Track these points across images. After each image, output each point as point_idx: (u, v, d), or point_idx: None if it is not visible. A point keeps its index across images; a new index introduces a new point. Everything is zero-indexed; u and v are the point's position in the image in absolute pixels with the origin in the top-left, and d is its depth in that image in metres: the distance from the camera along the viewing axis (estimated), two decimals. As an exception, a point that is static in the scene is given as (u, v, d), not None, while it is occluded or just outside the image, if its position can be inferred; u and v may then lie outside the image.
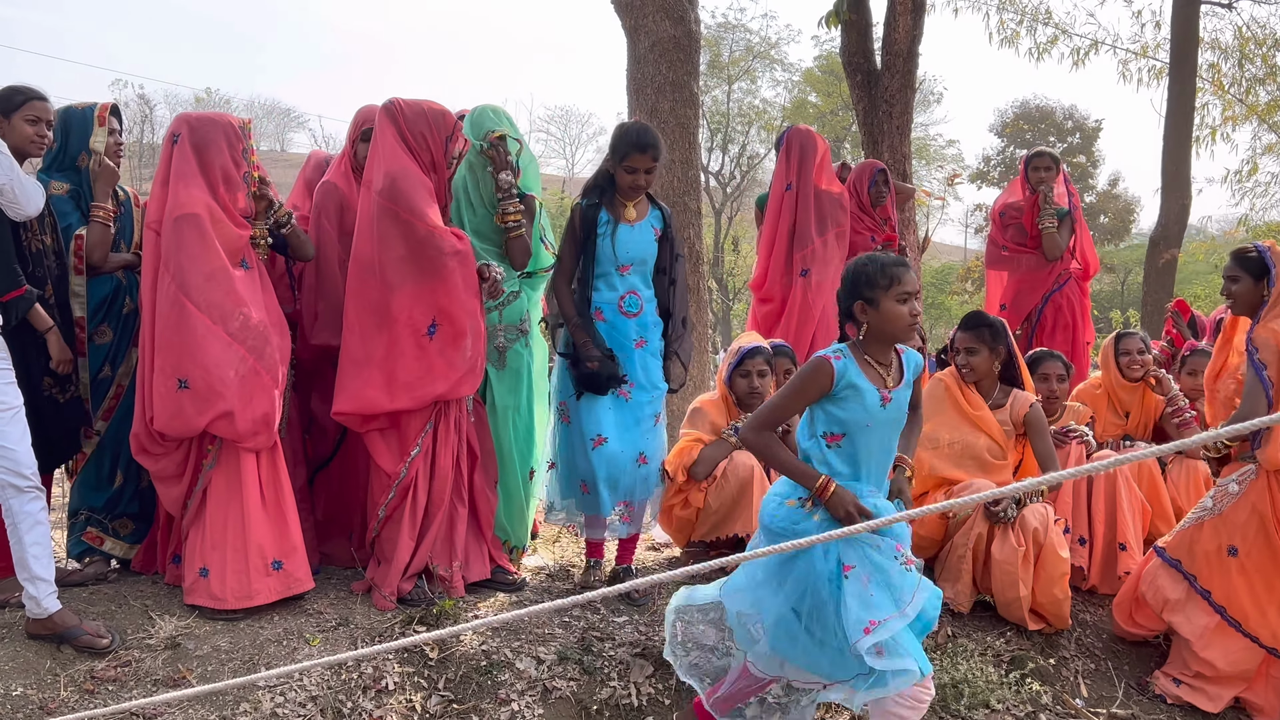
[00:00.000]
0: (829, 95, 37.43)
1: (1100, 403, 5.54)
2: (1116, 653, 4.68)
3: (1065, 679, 4.43)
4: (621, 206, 4.43)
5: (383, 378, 4.14)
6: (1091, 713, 4.21)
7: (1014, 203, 6.66)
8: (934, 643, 4.36)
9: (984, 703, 4.04)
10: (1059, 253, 6.44)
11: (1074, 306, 6.48)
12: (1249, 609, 4.27)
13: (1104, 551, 4.94)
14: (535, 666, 3.99)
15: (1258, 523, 4.25)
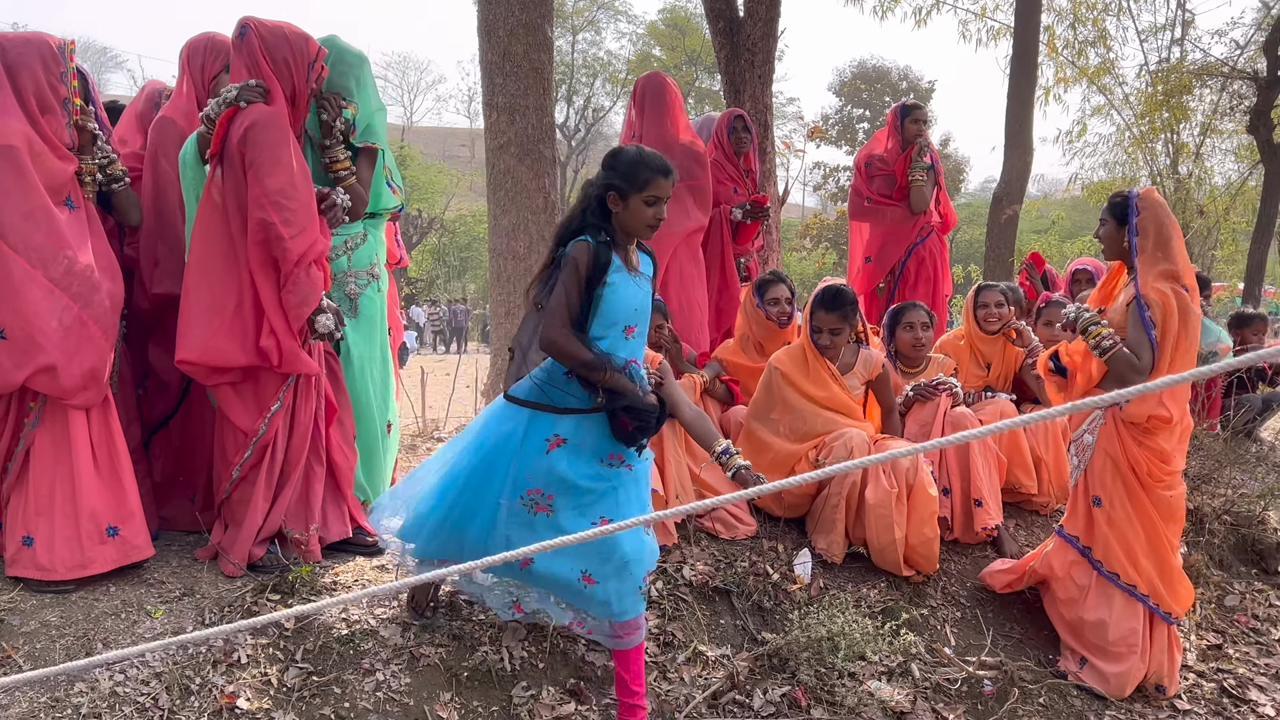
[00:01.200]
0: (673, 49, 37.40)
1: (963, 354, 5.63)
2: (982, 601, 4.78)
3: (935, 628, 4.49)
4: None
5: (238, 327, 3.82)
6: (962, 661, 4.27)
7: (880, 154, 6.68)
8: (807, 596, 4.35)
9: (860, 655, 4.04)
10: (925, 205, 6.50)
11: (935, 259, 6.57)
12: (1123, 559, 4.40)
13: (962, 504, 5.03)
14: (401, 634, 3.79)
15: (1112, 468, 4.38)
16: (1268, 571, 5.74)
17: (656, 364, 4.66)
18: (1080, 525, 4.50)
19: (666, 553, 4.43)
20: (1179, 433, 4.32)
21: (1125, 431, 4.33)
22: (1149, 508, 4.36)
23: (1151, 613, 4.43)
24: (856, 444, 4.53)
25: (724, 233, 5.98)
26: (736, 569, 4.40)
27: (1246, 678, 4.76)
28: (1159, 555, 4.38)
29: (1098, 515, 4.43)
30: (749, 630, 4.17)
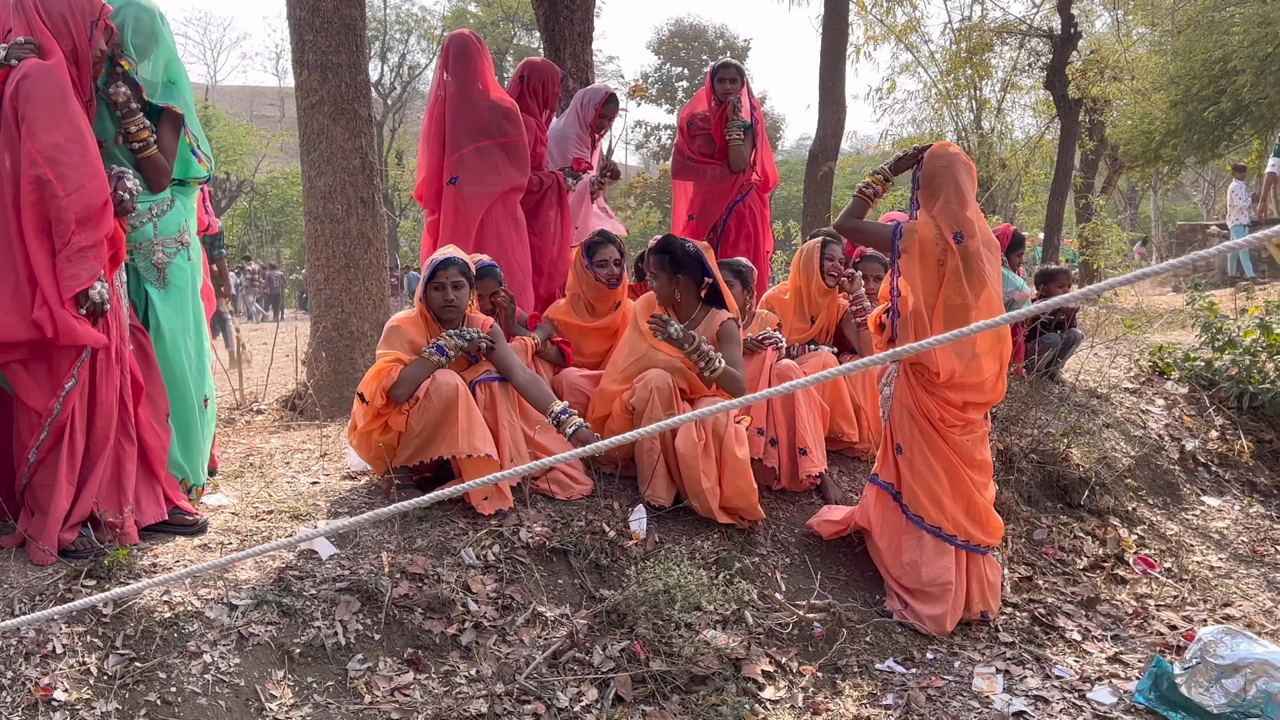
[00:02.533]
0: (489, 5, 36.74)
1: (788, 308, 5.78)
2: (809, 546, 4.96)
3: (766, 575, 4.63)
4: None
5: (17, 298, 3.58)
6: (793, 606, 4.43)
7: (700, 113, 6.75)
8: (643, 551, 4.42)
9: (696, 605, 4.14)
10: (744, 164, 6.61)
11: (756, 217, 6.71)
12: (926, 503, 4.63)
13: (788, 453, 5.19)
14: (228, 613, 3.66)
15: (908, 418, 4.61)
16: (1072, 505, 6.15)
17: (488, 327, 4.62)
18: (891, 471, 4.72)
19: (502, 517, 4.42)
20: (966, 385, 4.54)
21: (915, 382, 4.55)
22: (947, 452, 4.59)
23: (964, 550, 4.68)
24: (657, 384, 4.63)
25: (562, 195, 5.95)
26: (573, 529, 4.43)
27: (1055, 606, 5.10)
28: (964, 496, 4.62)
29: (901, 462, 4.65)
30: (587, 589, 4.21)
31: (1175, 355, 8.24)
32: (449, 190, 5.52)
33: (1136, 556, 5.80)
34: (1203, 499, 6.89)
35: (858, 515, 4.83)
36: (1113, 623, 5.07)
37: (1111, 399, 7.48)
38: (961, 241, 4.38)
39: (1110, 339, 8.89)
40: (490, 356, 4.56)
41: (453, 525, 4.34)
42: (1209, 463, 7.27)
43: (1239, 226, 17.63)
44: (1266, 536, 6.49)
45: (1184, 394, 7.92)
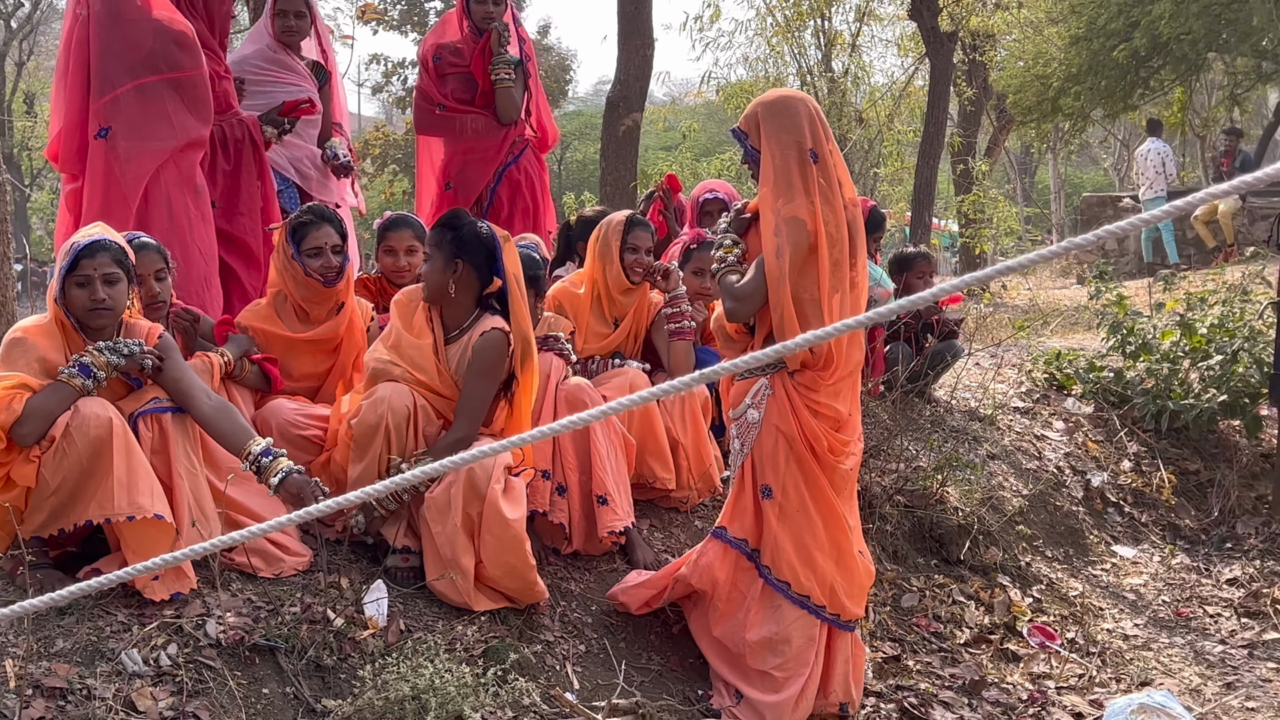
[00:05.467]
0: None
1: (582, 307, 5.85)
2: (612, 628, 5.05)
3: (553, 668, 4.69)
4: None
5: None
6: (588, 710, 4.50)
7: (451, 44, 6.76)
8: (384, 644, 4.40)
9: (456, 714, 4.15)
10: (516, 113, 6.68)
11: (534, 184, 6.78)
12: (795, 563, 4.78)
13: (582, 504, 5.27)
14: None
15: (786, 448, 4.76)
16: (949, 561, 6.47)
17: (155, 337, 4.51)
18: (748, 524, 4.85)
19: (182, 604, 4.32)
20: (845, 383, 4.77)
21: (799, 398, 4.72)
22: (828, 491, 4.78)
23: (829, 625, 4.85)
24: (392, 404, 4.68)
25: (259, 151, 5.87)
26: (284, 617, 4.37)
27: (930, 694, 5.35)
28: (839, 548, 4.81)
29: (767, 509, 4.80)
30: (304, 700, 4.16)
31: (1077, 365, 8.78)
32: (97, 146, 5.38)
33: (1031, 626, 6.14)
34: (1114, 549, 7.36)
35: (691, 577, 4.93)
36: (1003, 712, 5.36)
37: (998, 422, 7.91)
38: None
39: (994, 343, 9.39)
40: (159, 379, 4.45)
41: (109, 618, 4.22)
42: (1121, 502, 7.77)
43: (1155, 199, 18.87)
44: (1193, 594, 6.98)
45: (1089, 414, 8.44)
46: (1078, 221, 23.13)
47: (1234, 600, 6.90)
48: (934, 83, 15.60)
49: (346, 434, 4.81)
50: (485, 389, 4.82)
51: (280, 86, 6.20)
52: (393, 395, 4.71)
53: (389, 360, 4.83)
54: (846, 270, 4.75)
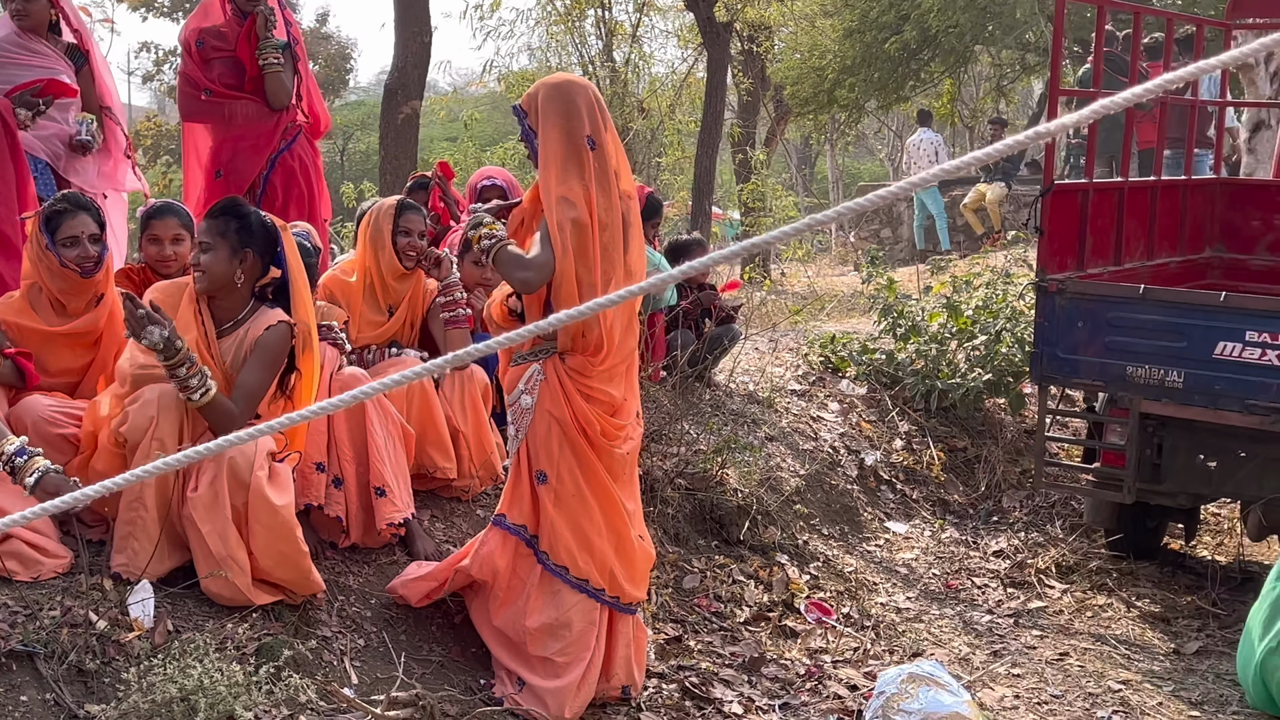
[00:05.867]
0: None
1: (355, 295, 5.76)
2: (392, 620, 4.99)
3: (330, 664, 4.61)
4: None
5: None
6: (366, 704, 4.43)
7: (213, 27, 6.59)
8: (150, 645, 4.27)
9: (228, 714, 4.05)
10: (287, 98, 6.53)
11: (308, 172, 6.65)
12: (573, 547, 4.78)
13: (360, 496, 5.19)
14: None
15: (560, 433, 4.75)
16: (730, 542, 6.57)
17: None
18: (526, 510, 4.84)
19: (-68, 611, 4.13)
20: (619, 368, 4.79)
21: (571, 384, 4.72)
22: (603, 476, 4.80)
23: (610, 608, 4.88)
24: (162, 405, 4.52)
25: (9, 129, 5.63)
26: (43, 622, 4.21)
27: (711, 672, 5.43)
28: (617, 532, 4.84)
29: (543, 495, 4.79)
30: (65, 705, 4.02)
31: (851, 348, 9.00)
32: None
33: (809, 602, 6.28)
34: (887, 525, 7.58)
35: (471, 568, 4.90)
36: (781, 687, 5.46)
37: (776, 404, 8.06)
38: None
39: (771, 327, 9.57)
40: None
41: None
42: (894, 479, 8.00)
43: (930, 189, 19.46)
44: (962, 567, 7.22)
45: (863, 395, 8.67)
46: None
47: (1000, 571, 7.16)
48: (711, 73, 15.79)
49: (110, 439, 4.62)
50: (265, 381, 4.71)
51: (28, 70, 5.95)
52: (160, 397, 4.54)
53: (151, 363, 4.62)
54: (620, 257, 4.77)
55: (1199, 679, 5.98)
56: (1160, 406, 6.69)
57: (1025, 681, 5.81)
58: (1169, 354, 6.58)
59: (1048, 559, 7.23)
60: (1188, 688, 5.87)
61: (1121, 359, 6.69)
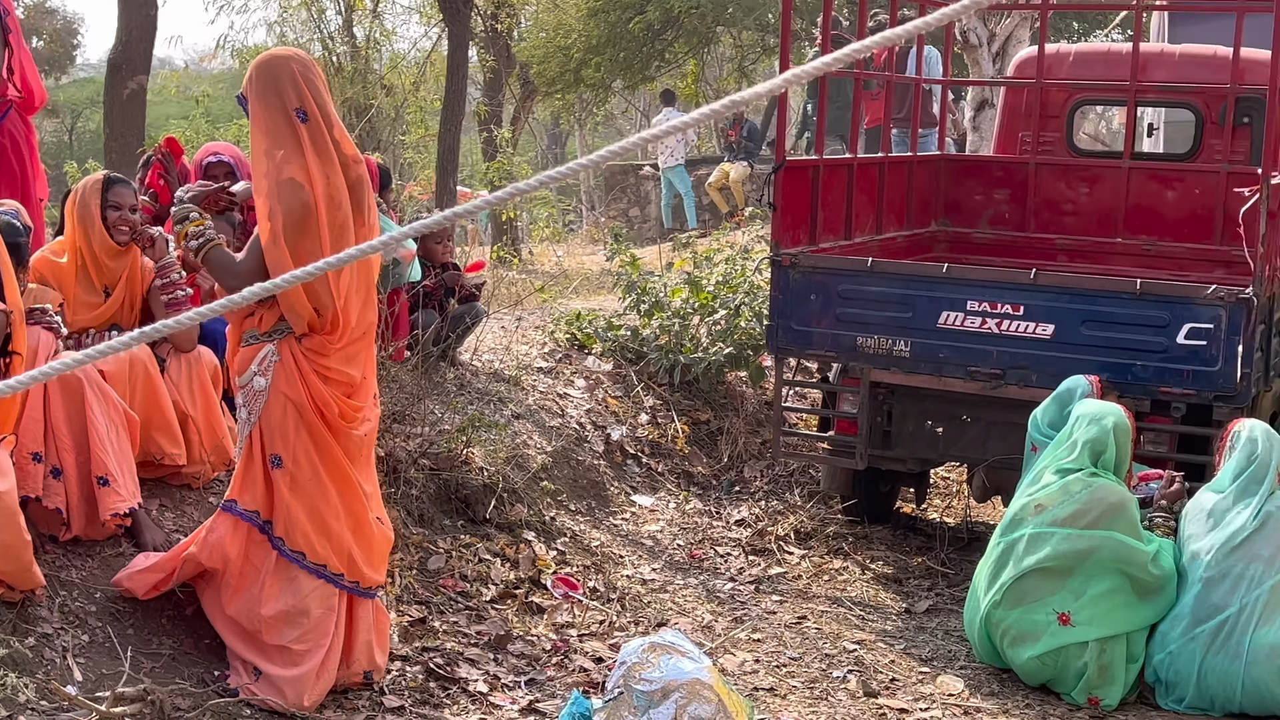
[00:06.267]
0: None
1: (67, 276, 5.52)
2: (119, 615, 4.82)
3: (52, 662, 4.43)
4: None
5: None
6: (91, 701, 4.27)
7: (-82, 1, 6.27)
8: None
9: (-63, 719, 3.86)
10: (0, 72, 6.26)
11: (20, 148, 6.38)
12: (310, 532, 4.69)
13: (81, 486, 4.98)
14: None
15: (296, 416, 4.65)
16: (475, 521, 6.53)
17: None
18: (260, 496, 4.72)
19: None
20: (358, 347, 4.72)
21: (308, 364, 4.62)
22: (341, 458, 4.72)
23: (350, 593, 4.80)
24: None
25: None
26: None
27: (456, 652, 5.39)
28: (355, 515, 4.77)
29: (278, 479, 4.68)
30: None
31: (597, 324, 9.04)
32: None
33: (556, 578, 6.30)
34: (633, 498, 7.65)
35: (201, 556, 4.76)
36: (528, 664, 5.47)
37: (523, 382, 8.05)
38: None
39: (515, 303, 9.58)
40: None
41: None
42: (639, 453, 8.08)
43: (675, 167, 19.75)
44: (705, 537, 7.35)
45: (609, 371, 8.72)
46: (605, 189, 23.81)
47: (742, 540, 7.31)
48: (452, 50, 15.71)
49: None
50: None
51: None
52: None
53: None
54: (353, 231, 4.68)
55: (929, 636, 6.23)
56: (889, 375, 6.91)
57: (765, 645, 5.94)
58: (896, 324, 6.81)
59: (787, 526, 7.41)
60: (918, 645, 6.10)
61: (852, 330, 6.89)
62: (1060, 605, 5.48)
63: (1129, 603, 5.51)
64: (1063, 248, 8.59)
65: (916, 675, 5.77)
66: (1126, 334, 6.42)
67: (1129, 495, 5.66)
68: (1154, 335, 6.34)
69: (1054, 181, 8.65)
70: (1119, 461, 5.64)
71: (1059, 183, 8.65)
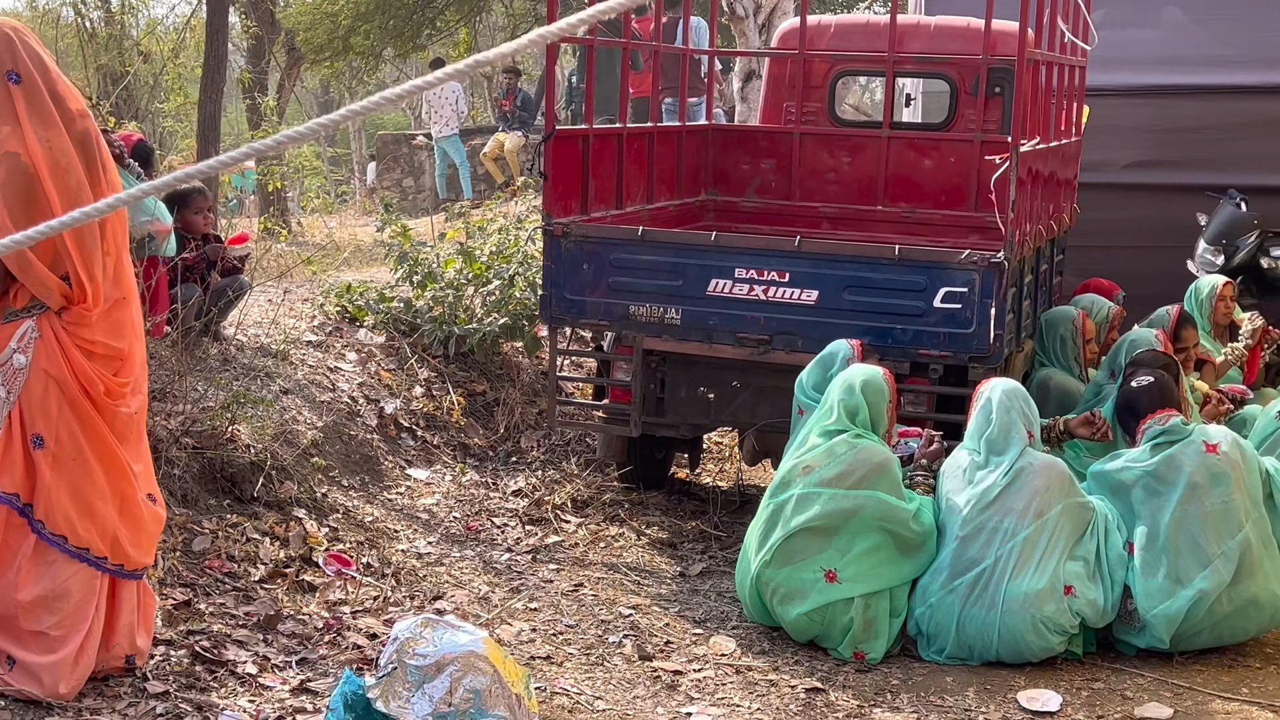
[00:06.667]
0: None
1: None
2: None
3: None
4: None
5: None
6: None
7: None
8: None
9: None
10: None
11: None
12: (73, 514, 4.52)
13: None
14: None
15: (58, 393, 4.47)
16: (243, 500, 6.38)
17: None
18: (19, 477, 4.53)
19: None
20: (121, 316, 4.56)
21: (69, 339, 4.45)
22: (107, 437, 4.56)
23: (112, 576, 4.65)
24: None
25: None
26: None
27: (224, 634, 5.26)
28: (122, 495, 4.62)
29: (40, 460, 4.50)
30: None
31: (369, 296, 8.91)
32: None
33: (328, 555, 6.20)
34: (408, 472, 7.58)
35: None
36: (299, 643, 5.37)
37: (291, 357, 7.88)
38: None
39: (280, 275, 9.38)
40: None
41: None
42: (414, 427, 8.01)
43: (449, 136, 19.58)
44: (482, 508, 7.33)
45: (381, 344, 8.61)
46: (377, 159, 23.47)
47: (519, 510, 7.31)
48: (212, 14, 15.27)
49: None
50: None
51: None
52: None
53: None
54: (89, 193, 4.48)
55: (702, 598, 6.33)
56: (661, 343, 6.98)
57: (542, 614, 5.96)
58: (667, 293, 6.88)
59: (564, 495, 7.44)
60: (692, 607, 6.20)
61: (624, 299, 6.94)
62: (827, 563, 5.63)
63: (892, 559, 5.70)
64: (827, 215, 8.79)
65: (690, 637, 5.86)
66: (886, 299, 6.61)
67: (892, 456, 5.85)
68: (912, 300, 6.54)
69: (817, 151, 8.83)
70: (875, 421, 5.81)
71: (822, 152, 8.83)
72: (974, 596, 5.54)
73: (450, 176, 19.85)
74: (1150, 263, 10.16)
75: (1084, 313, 7.68)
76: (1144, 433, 5.82)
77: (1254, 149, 9.92)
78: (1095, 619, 5.59)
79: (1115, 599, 5.62)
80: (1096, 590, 5.59)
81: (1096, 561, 5.65)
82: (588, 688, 5.24)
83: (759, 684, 5.40)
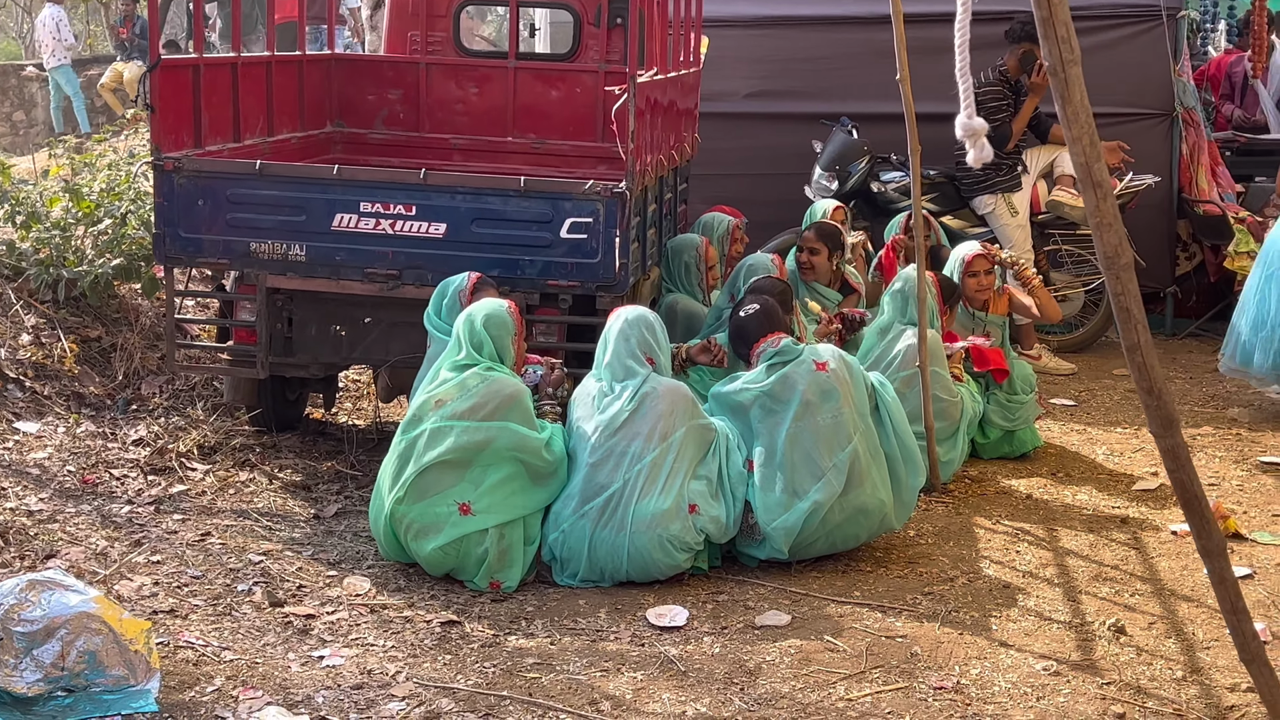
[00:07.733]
0: None
1: None
2: None
3: None
4: None
5: None
6: None
7: None
8: None
9: None
10: None
11: None
12: None
13: None
14: None
15: None
16: None
17: None
18: None
19: None
20: None
21: None
22: None
23: None
24: None
25: None
26: None
27: None
28: None
29: None
30: None
31: (-32, 241, 8.33)
32: None
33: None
34: (16, 425, 7.13)
35: None
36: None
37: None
38: None
39: None
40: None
41: None
42: (22, 377, 7.54)
43: (60, 66, 18.50)
44: (100, 460, 6.98)
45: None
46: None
47: (140, 460, 6.99)
48: None
49: None
50: None
51: None
52: None
53: None
54: None
55: (337, 539, 6.23)
56: (286, 280, 6.77)
57: (166, 567, 5.72)
58: (290, 228, 6.67)
59: (190, 442, 7.16)
60: (326, 549, 6.09)
61: (245, 236, 6.69)
62: (460, 496, 5.61)
63: (525, 488, 5.74)
64: (457, 147, 8.72)
65: (324, 580, 5.75)
66: (515, 230, 6.59)
67: (523, 387, 5.86)
68: (539, 231, 6.54)
69: (445, 82, 8.74)
70: (501, 354, 5.82)
71: (449, 83, 8.75)
72: (604, 520, 5.63)
73: (66, 109, 18.80)
74: (771, 189, 10.50)
75: (706, 240, 7.88)
76: (759, 355, 6.03)
77: (864, 78, 10.28)
78: (719, 535, 5.78)
79: (737, 514, 5.82)
80: (719, 507, 5.77)
81: (719, 480, 5.84)
82: (214, 639, 5.06)
83: (394, 621, 5.34)
